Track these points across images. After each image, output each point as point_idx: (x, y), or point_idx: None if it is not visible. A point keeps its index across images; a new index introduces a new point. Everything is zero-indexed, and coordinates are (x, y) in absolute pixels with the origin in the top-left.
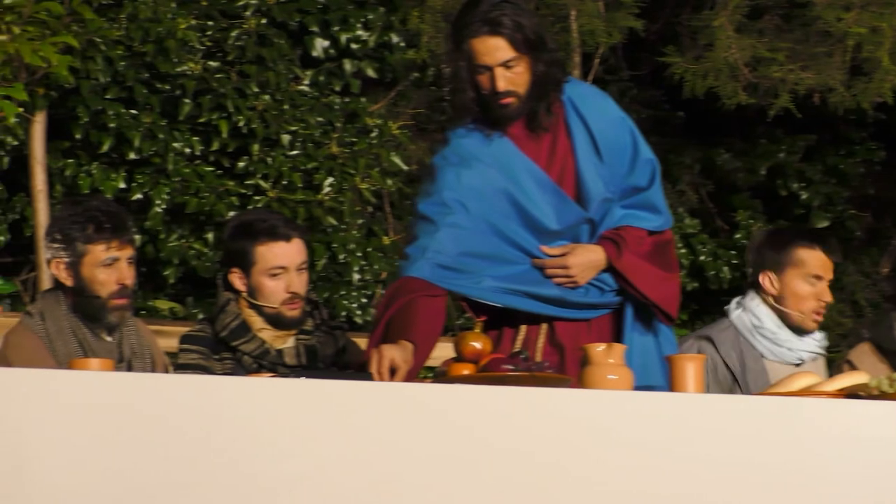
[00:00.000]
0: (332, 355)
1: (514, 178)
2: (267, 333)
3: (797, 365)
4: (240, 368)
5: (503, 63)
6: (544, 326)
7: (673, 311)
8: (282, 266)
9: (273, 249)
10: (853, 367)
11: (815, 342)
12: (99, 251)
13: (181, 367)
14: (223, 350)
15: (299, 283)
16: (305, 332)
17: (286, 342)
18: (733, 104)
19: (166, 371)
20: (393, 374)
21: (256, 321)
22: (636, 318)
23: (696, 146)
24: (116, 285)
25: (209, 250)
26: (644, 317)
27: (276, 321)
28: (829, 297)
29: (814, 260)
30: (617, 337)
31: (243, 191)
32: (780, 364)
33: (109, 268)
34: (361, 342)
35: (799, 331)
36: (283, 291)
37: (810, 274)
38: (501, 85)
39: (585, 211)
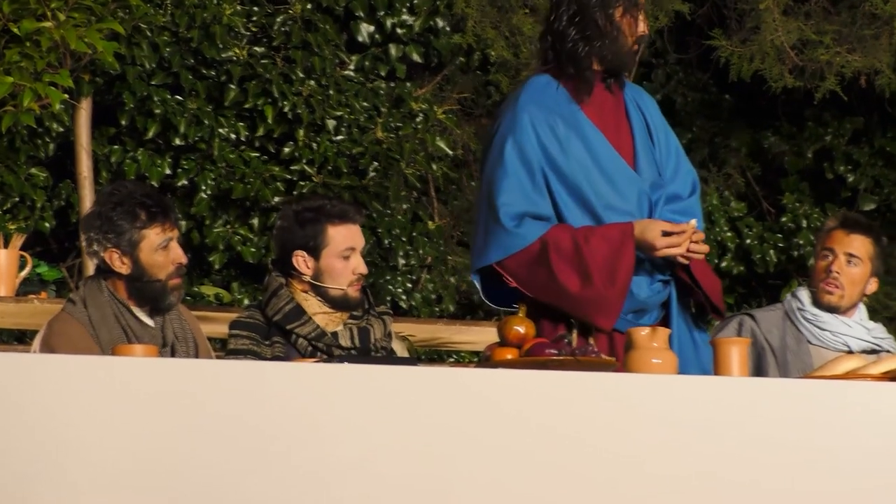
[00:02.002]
0: (382, 339)
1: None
2: (321, 317)
3: (847, 353)
4: (292, 352)
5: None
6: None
7: (722, 305)
8: (352, 247)
9: (345, 231)
10: None
11: (865, 330)
12: (154, 235)
13: (232, 353)
14: (274, 335)
15: (363, 265)
16: (355, 316)
17: (338, 325)
18: (780, 87)
19: (209, 356)
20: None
21: (312, 304)
22: (678, 319)
23: (742, 129)
24: (173, 265)
25: (255, 236)
26: (682, 318)
27: (341, 302)
28: (837, 268)
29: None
30: None
31: (289, 176)
32: (827, 350)
33: (165, 250)
34: (406, 327)
35: (834, 311)
36: (351, 273)
37: (823, 247)
38: (644, 28)
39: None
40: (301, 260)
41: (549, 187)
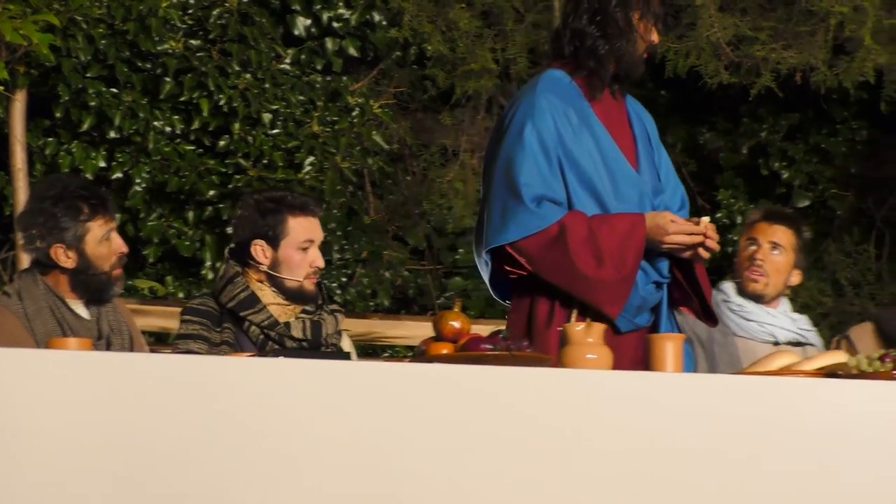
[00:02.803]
0: (333, 335)
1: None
2: (275, 307)
3: (775, 344)
4: (242, 339)
5: None
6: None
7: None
8: (311, 240)
9: (305, 223)
10: (850, 343)
11: (791, 321)
12: (97, 228)
13: (181, 338)
14: (226, 321)
15: (321, 258)
16: (308, 310)
17: (291, 317)
18: (716, 83)
19: (143, 350)
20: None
21: (266, 294)
22: (668, 323)
23: (678, 125)
24: (115, 256)
25: (189, 229)
26: (671, 323)
27: (296, 294)
28: (761, 257)
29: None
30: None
31: (224, 170)
32: (754, 342)
33: (107, 241)
34: (342, 322)
35: (759, 300)
36: (308, 265)
37: (747, 237)
38: (657, 37)
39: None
40: (259, 249)
41: (564, 178)
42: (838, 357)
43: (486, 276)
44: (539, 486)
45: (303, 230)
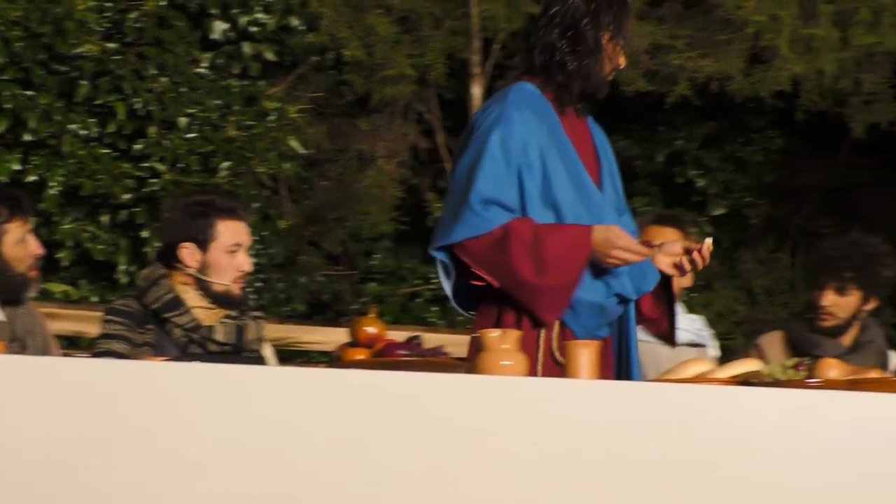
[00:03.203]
0: (255, 340)
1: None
2: (199, 310)
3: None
4: (164, 341)
5: None
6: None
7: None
8: (238, 243)
9: (233, 227)
10: (760, 351)
11: (688, 321)
12: (15, 229)
13: (104, 338)
14: (149, 323)
15: (249, 262)
16: (230, 316)
17: (214, 321)
18: (632, 91)
19: (55, 353)
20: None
21: (191, 297)
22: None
23: None
24: (31, 258)
25: (104, 233)
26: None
27: (223, 298)
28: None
29: None
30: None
31: (139, 173)
32: (656, 345)
33: (23, 243)
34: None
35: None
36: (236, 269)
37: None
38: (624, 61)
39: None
40: (187, 252)
41: (522, 186)
42: (753, 365)
43: (448, 288)
44: (453, 490)
45: (231, 234)
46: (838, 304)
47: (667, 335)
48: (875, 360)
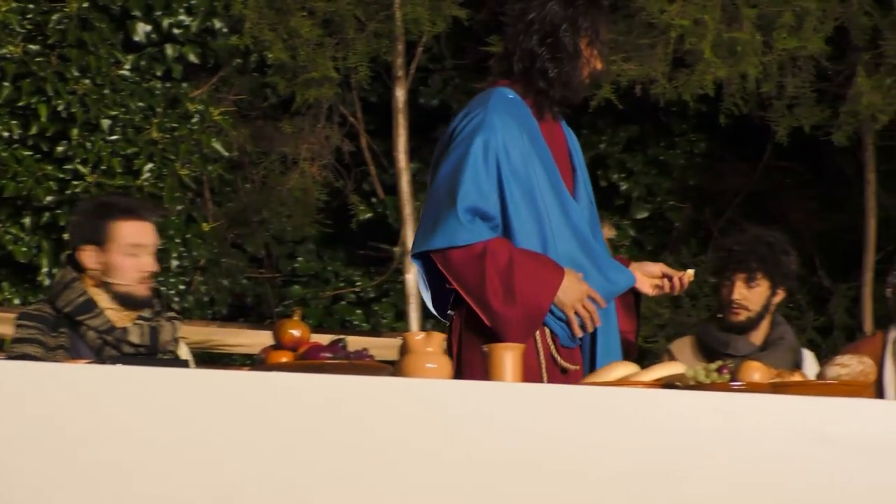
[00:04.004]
0: (170, 342)
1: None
2: (111, 312)
3: None
4: (78, 344)
5: None
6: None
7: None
8: (138, 244)
9: (131, 227)
10: (671, 357)
11: None
12: None
13: (16, 342)
14: (62, 326)
15: (152, 263)
16: (144, 317)
17: (128, 322)
18: None
19: None
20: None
21: (103, 299)
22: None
23: None
24: None
25: (26, 235)
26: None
27: (126, 299)
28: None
29: None
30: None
31: (62, 175)
32: None
33: None
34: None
35: None
36: (137, 270)
37: None
38: (601, 65)
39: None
40: (86, 254)
41: (504, 194)
42: (676, 368)
43: (427, 297)
44: (377, 493)
45: (129, 234)
46: (748, 296)
47: (631, 349)
48: (789, 357)
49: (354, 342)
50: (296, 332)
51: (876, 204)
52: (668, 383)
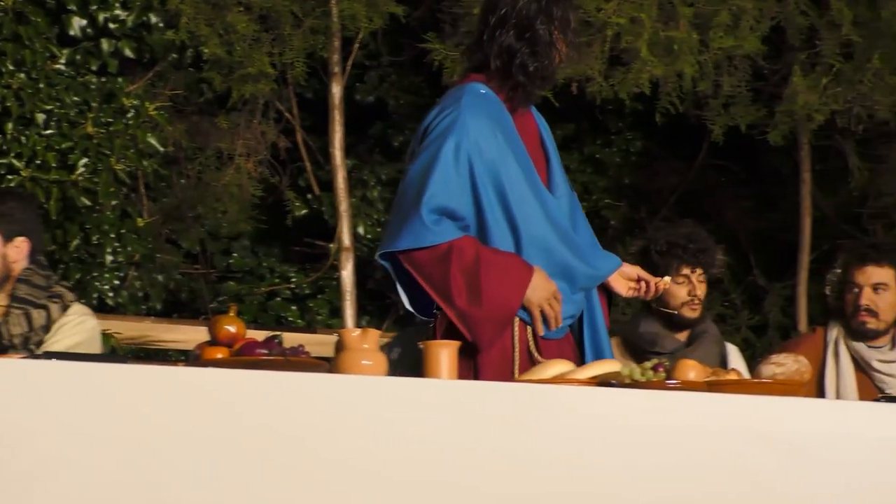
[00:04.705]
0: (41, 328)
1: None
2: None
3: None
4: None
5: None
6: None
7: None
8: None
9: None
10: None
11: None
12: None
13: None
14: None
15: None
16: (14, 306)
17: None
18: None
19: None
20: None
21: None
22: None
23: None
24: None
25: None
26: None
27: None
28: None
29: None
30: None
31: None
32: None
33: None
34: (114, 324)
35: None
36: None
37: None
38: (567, 55)
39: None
40: None
41: (478, 194)
42: (612, 366)
43: (404, 298)
44: (313, 488)
45: None
46: (703, 290)
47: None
48: (715, 349)
49: (290, 339)
50: (231, 329)
51: (811, 203)
52: (603, 381)
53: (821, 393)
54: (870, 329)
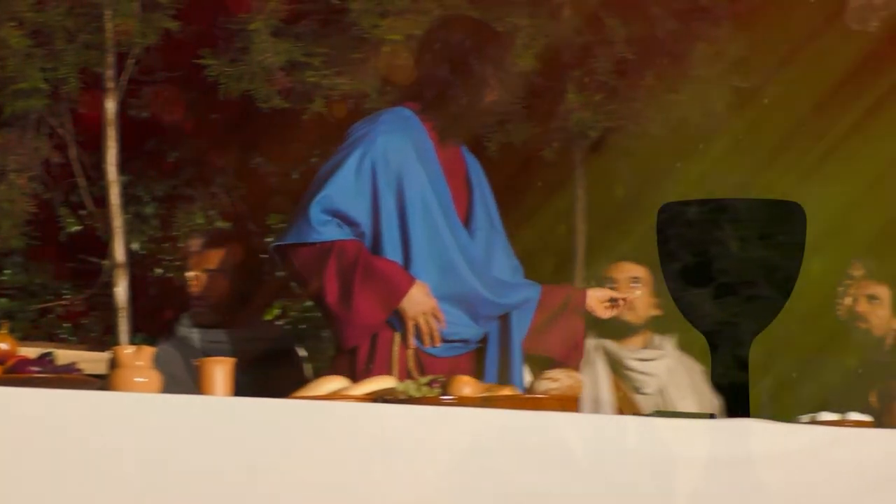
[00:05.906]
0: None
1: None
2: None
3: None
4: None
5: None
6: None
7: None
8: None
9: None
10: None
11: None
12: None
13: None
14: None
15: None
16: None
17: None
18: (268, 108)
19: None
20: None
21: None
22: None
23: (229, 149)
24: None
25: None
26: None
27: None
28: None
29: None
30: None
31: None
32: None
33: None
34: None
35: None
36: None
37: None
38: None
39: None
40: None
41: (377, 203)
42: (387, 382)
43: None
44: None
45: None
46: None
47: None
48: None
49: (63, 356)
50: (3, 346)
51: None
52: (379, 397)
53: None
54: None
